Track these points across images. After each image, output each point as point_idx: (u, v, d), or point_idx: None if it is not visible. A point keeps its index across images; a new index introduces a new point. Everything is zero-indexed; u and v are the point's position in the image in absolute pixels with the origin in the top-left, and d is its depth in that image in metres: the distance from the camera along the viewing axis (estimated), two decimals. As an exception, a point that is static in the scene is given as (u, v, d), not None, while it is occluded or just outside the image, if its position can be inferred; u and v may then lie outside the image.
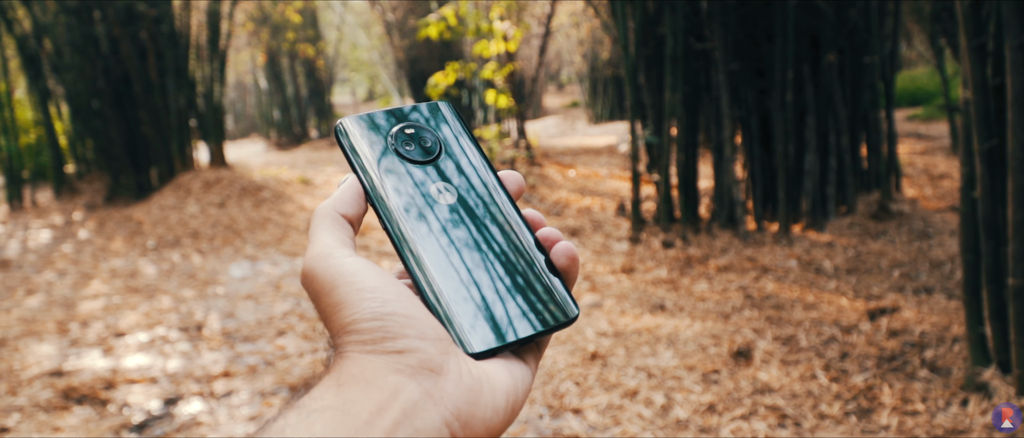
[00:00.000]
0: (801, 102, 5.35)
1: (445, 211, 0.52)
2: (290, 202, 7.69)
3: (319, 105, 16.46)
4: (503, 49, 7.53)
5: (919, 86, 13.32)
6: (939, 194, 6.33)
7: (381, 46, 16.12)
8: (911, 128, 10.63)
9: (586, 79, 17.00)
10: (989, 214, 2.79)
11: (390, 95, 15.96)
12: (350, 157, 0.54)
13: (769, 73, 5.32)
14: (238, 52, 16.10)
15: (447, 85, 7.98)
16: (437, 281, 0.49)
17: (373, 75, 21.95)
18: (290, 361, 3.54)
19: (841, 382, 3.00)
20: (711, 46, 5.22)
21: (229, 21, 9.10)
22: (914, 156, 8.16)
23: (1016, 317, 2.65)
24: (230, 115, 19.47)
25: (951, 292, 3.96)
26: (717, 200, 5.56)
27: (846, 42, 5.46)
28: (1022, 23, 2.57)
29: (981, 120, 2.74)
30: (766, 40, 5.30)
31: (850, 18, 5.38)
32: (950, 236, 5.00)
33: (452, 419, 0.43)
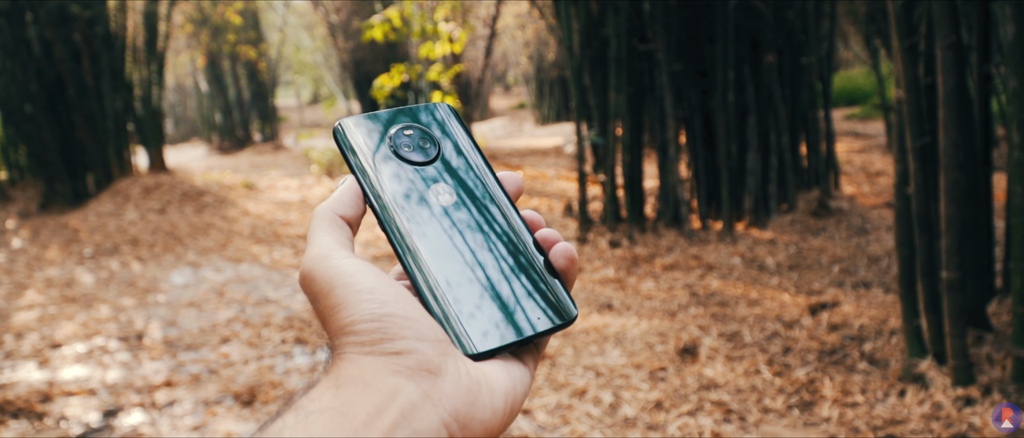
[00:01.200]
0: (742, 102, 5.45)
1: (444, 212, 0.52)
2: (233, 207, 7.56)
3: (262, 108, 16.21)
4: (449, 51, 7.51)
5: (856, 86, 13.66)
6: (876, 191, 6.50)
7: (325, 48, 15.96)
8: (849, 127, 10.90)
9: (533, 80, 17.06)
10: (922, 210, 2.87)
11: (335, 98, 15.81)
12: (348, 158, 0.54)
13: (711, 74, 5.40)
14: (177, 54, 15.77)
15: (393, 87, 7.93)
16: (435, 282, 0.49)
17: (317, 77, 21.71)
18: (235, 368, 3.48)
19: (784, 376, 3.06)
20: (654, 47, 5.28)
21: (167, 22, 8.92)
22: (852, 154, 8.37)
23: (950, 309, 2.73)
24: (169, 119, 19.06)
25: (888, 286, 4.07)
26: (662, 199, 5.62)
27: (785, 43, 5.57)
28: (952, 24, 2.65)
29: (914, 118, 2.81)
30: (708, 41, 5.39)
31: (788, 20, 5.49)
32: (887, 231, 5.13)
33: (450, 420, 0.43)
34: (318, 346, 3.74)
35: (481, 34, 11.76)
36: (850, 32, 9.19)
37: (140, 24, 8.61)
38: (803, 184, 6.10)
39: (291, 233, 6.48)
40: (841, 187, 6.48)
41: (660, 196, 5.66)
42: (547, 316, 0.50)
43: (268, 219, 7.08)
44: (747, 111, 5.44)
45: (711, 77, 5.41)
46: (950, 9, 2.66)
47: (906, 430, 2.55)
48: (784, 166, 5.71)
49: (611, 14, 5.19)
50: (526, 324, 0.49)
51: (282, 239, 6.26)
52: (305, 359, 3.59)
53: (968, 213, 3.03)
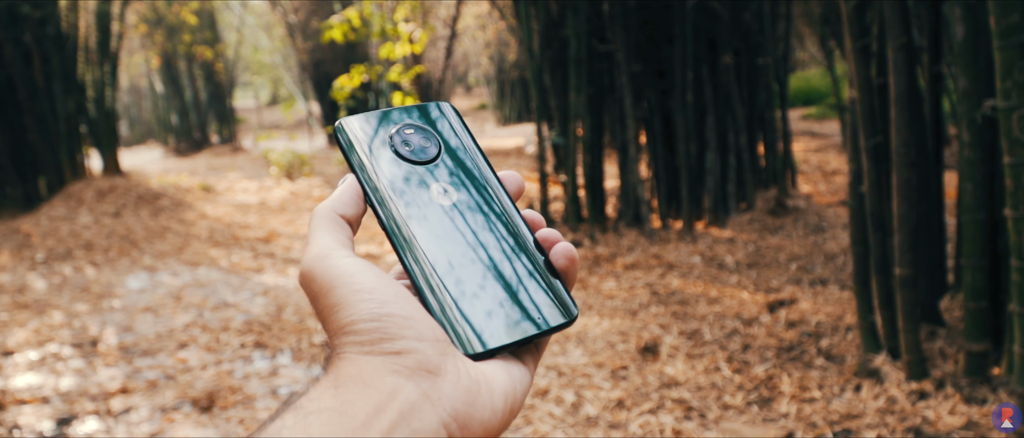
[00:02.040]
0: (701, 102, 5.51)
1: (444, 212, 0.52)
2: (191, 210, 7.45)
3: (220, 109, 16.00)
4: (409, 51, 7.48)
5: (812, 86, 13.88)
6: (832, 189, 6.62)
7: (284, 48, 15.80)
8: (805, 126, 11.07)
9: (493, 81, 17.06)
10: (876, 208, 2.93)
11: (294, 99, 15.66)
12: (349, 157, 0.53)
13: (670, 74, 5.45)
14: (131, 55, 15.50)
15: (353, 88, 7.87)
16: (435, 282, 0.48)
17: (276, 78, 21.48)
18: (193, 374, 3.43)
19: (743, 373, 3.10)
20: (614, 48, 5.31)
21: (120, 22, 8.76)
22: (808, 153, 8.50)
23: (903, 305, 2.79)
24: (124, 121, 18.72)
25: (844, 283, 4.14)
26: (623, 199, 5.66)
27: (742, 44, 5.64)
28: (903, 25, 2.71)
29: (867, 118, 2.87)
30: (666, 42, 5.43)
31: (745, 21, 5.56)
32: (842, 229, 5.22)
33: (450, 420, 0.43)
34: (278, 350, 3.71)
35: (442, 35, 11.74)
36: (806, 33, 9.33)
37: (92, 24, 8.45)
38: (761, 183, 6.18)
39: (250, 236, 6.41)
40: (798, 186, 6.58)
41: (621, 196, 5.70)
42: (547, 316, 0.50)
43: (227, 222, 6.99)
44: (706, 111, 5.50)
45: (670, 78, 5.45)
46: (901, 10, 2.72)
47: (862, 424, 2.60)
48: (742, 165, 5.78)
49: (571, 15, 5.21)
50: (526, 324, 0.49)
51: (241, 242, 6.19)
52: (265, 363, 3.55)
53: (920, 211, 3.09)
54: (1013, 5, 2.19)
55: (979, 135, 2.56)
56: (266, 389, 3.27)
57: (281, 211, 7.60)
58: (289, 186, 8.97)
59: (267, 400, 3.15)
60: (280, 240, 6.26)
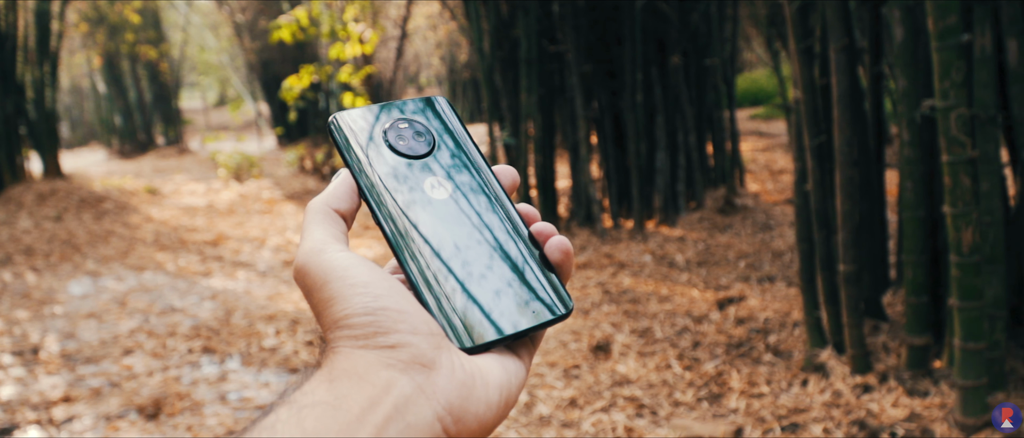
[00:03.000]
0: (651, 103, 5.56)
1: (438, 206, 0.52)
2: (135, 213, 7.30)
3: (165, 110, 15.68)
4: (359, 52, 7.42)
5: (759, 87, 14.10)
6: (779, 188, 6.73)
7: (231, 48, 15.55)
8: (753, 126, 11.25)
9: (445, 82, 17.02)
10: (820, 206, 2.99)
11: (242, 99, 15.42)
12: (343, 152, 0.53)
13: (620, 75, 5.49)
14: (72, 54, 15.11)
15: (302, 88, 7.78)
16: (430, 276, 0.48)
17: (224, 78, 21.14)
18: (138, 381, 3.36)
19: (693, 370, 3.14)
20: (564, 49, 5.34)
21: (60, 21, 8.54)
22: (756, 153, 8.64)
23: (847, 301, 2.85)
24: (65, 122, 18.25)
25: (791, 280, 4.22)
26: (575, 199, 5.69)
27: (690, 45, 5.71)
28: (844, 27, 2.77)
29: (810, 118, 2.92)
30: (616, 43, 5.48)
31: (692, 22, 5.63)
32: (789, 227, 5.32)
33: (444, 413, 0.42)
34: (226, 354, 3.65)
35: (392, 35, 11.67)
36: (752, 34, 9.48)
37: (31, 23, 8.22)
38: (710, 182, 6.26)
39: (197, 239, 6.29)
40: (746, 185, 6.68)
41: (572, 196, 5.73)
42: (542, 310, 0.50)
43: (173, 225, 6.86)
44: (655, 111, 5.56)
45: (620, 78, 5.50)
46: (842, 13, 2.78)
47: (808, 418, 2.65)
48: (692, 165, 5.85)
49: (521, 15, 5.22)
50: (521, 318, 0.49)
51: (188, 246, 6.08)
52: (213, 369, 3.49)
53: (863, 208, 3.16)
54: (950, 7, 2.25)
55: (918, 134, 2.63)
56: (215, 395, 3.21)
57: (229, 214, 7.48)
58: (238, 188, 8.84)
59: (215, 406, 3.10)
60: (228, 243, 6.17)
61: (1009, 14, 2.39)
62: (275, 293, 4.70)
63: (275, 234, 6.46)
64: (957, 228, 2.34)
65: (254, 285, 4.92)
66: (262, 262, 5.53)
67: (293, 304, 4.42)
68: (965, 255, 2.35)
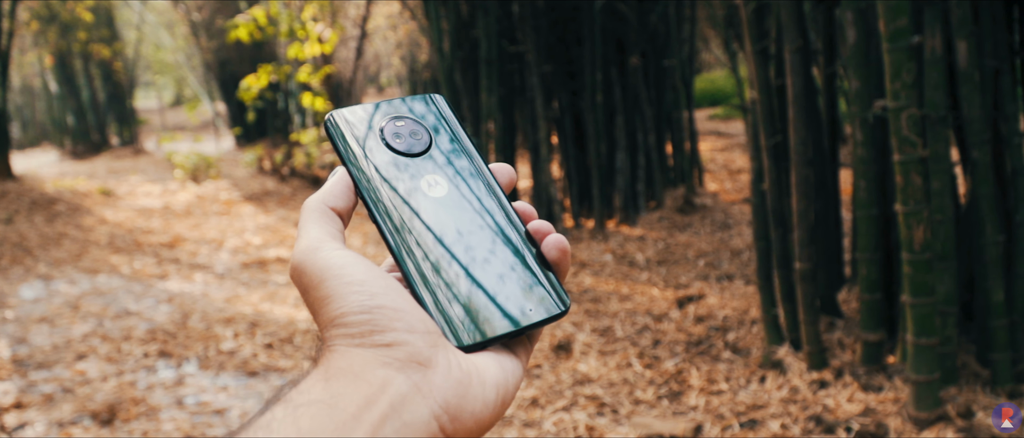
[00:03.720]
0: (611, 103, 5.59)
1: (435, 204, 0.52)
2: (89, 215, 7.15)
3: (120, 110, 15.39)
4: (319, 51, 7.36)
5: (717, 87, 14.26)
6: (737, 187, 6.82)
7: (187, 47, 15.32)
8: (712, 127, 11.37)
9: (405, 82, 16.94)
10: (777, 205, 3.03)
11: (199, 99, 15.20)
12: (339, 150, 0.53)
13: (580, 75, 5.52)
14: (23, 53, 14.76)
15: (260, 88, 7.70)
16: (426, 274, 0.48)
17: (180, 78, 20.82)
18: (92, 386, 3.29)
19: (654, 368, 3.16)
20: (524, 49, 5.35)
21: (10, 20, 8.34)
22: (715, 152, 8.74)
23: (803, 298, 2.90)
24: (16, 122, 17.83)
25: (749, 278, 4.27)
26: (536, 199, 5.70)
27: (649, 46, 5.75)
28: (799, 28, 2.81)
29: (766, 118, 2.96)
30: (576, 43, 5.50)
31: (651, 23, 5.68)
32: (747, 226, 5.39)
33: (441, 412, 0.42)
34: (183, 358, 3.59)
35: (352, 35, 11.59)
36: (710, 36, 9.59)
37: (-21, 21, 8.02)
38: (670, 182, 6.32)
39: (153, 241, 6.19)
40: (705, 184, 6.75)
41: (533, 196, 5.74)
42: (539, 307, 0.50)
43: (128, 227, 6.74)
44: (615, 112, 5.59)
45: (580, 79, 5.52)
46: (797, 14, 2.82)
47: (766, 414, 2.68)
48: (651, 165, 5.90)
49: (481, 16, 5.22)
50: (517, 316, 0.49)
51: (144, 248, 5.98)
52: (170, 373, 3.44)
53: (818, 207, 3.22)
54: (900, 10, 2.30)
55: (871, 134, 2.68)
56: (171, 399, 3.16)
57: (186, 215, 7.37)
58: (195, 189, 8.71)
59: (172, 411, 3.05)
60: (185, 245, 6.07)
61: (959, 16, 2.45)
62: (233, 295, 4.64)
63: (233, 236, 6.38)
64: (909, 226, 2.39)
65: (212, 287, 4.85)
66: (220, 264, 5.45)
67: (252, 306, 4.37)
68: (917, 252, 2.39)
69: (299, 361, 3.56)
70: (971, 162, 2.57)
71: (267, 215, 7.20)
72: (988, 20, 2.55)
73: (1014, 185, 2.64)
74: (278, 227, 6.66)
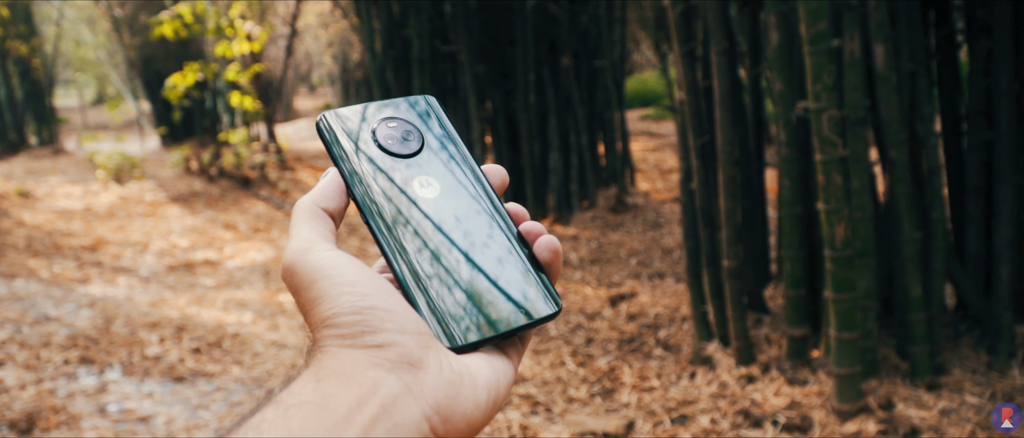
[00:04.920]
0: (543, 103, 5.62)
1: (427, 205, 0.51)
2: (6, 217, 6.88)
3: (38, 109, 14.83)
4: (247, 49, 7.22)
5: (649, 88, 14.46)
6: (668, 187, 6.92)
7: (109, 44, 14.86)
8: (644, 127, 11.52)
9: (338, 81, 16.74)
10: (705, 204, 3.09)
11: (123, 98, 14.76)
12: (331, 151, 0.53)
13: (512, 76, 5.53)
14: (-66, 50, 14.12)
15: (187, 86, 7.52)
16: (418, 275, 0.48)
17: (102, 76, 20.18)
18: (10, 395, 3.17)
19: (587, 366, 3.19)
20: (457, 49, 5.34)
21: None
22: (646, 152, 8.86)
23: (731, 295, 2.96)
24: (-73, 121, 17.04)
25: (679, 276, 4.34)
26: (469, 199, 5.70)
27: (580, 47, 5.80)
28: (725, 31, 2.87)
29: (694, 119, 3.02)
30: (509, 44, 5.51)
31: (582, 24, 5.73)
32: (678, 225, 5.48)
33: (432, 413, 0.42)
34: (106, 364, 3.48)
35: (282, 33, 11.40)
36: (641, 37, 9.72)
37: None
38: (602, 182, 6.38)
39: (74, 244, 5.99)
40: (637, 184, 6.84)
41: (467, 196, 5.73)
42: (531, 309, 0.50)
43: (47, 230, 6.50)
44: (548, 112, 5.62)
45: (513, 79, 5.54)
46: (723, 17, 2.88)
47: (696, 410, 2.73)
48: (584, 165, 5.95)
49: (413, 15, 5.19)
50: (509, 317, 0.49)
51: (64, 251, 5.77)
52: (92, 380, 3.33)
53: (745, 206, 3.29)
54: (820, 14, 2.37)
55: (795, 134, 2.75)
56: (94, 407, 3.06)
57: (109, 217, 7.14)
58: (118, 190, 8.45)
59: (94, 419, 2.96)
60: (108, 248, 5.89)
61: (876, 20, 2.53)
62: (159, 299, 4.52)
63: (159, 238, 6.22)
64: (830, 224, 2.46)
65: (136, 291, 4.72)
66: (145, 267, 5.31)
67: (178, 310, 4.27)
68: (838, 249, 2.47)
69: (228, 366, 3.48)
70: (889, 161, 2.66)
71: (194, 217, 7.03)
72: (904, 24, 2.64)
73: (930, 184, 2.74)
74: (206, 229, 6.51)
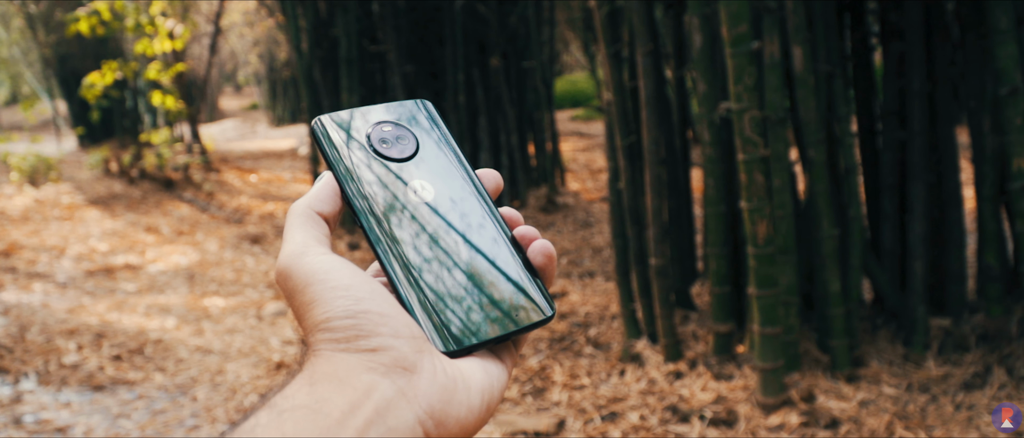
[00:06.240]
0: (473, 104, 5.62)
1: (421, 209, 0.52)
2: (-91, 223, 6.55)
3: (-54, 109, 14.18)
4: (169, 47, 7.03)
5: (579, 89, 14.59)
6: (598, 186, 7.00)
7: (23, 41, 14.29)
8: (574, 127, 11.62)
9: (264, 81, 16.44)
10: (632, 203, 3.13)
11: (37, 97, 14.22)
12: (326, 154, 0.53)
13: (442, 76, 5.52)
14: None
15: (105, 86, 7.28)
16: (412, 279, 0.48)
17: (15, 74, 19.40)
18: (-87, 410, 3.02)
19: (518, 366, 3.20)
20: (385, 49, 5.30)
21: None
22: (577, 152, 8.93)
23: (659, 293, 3.00)
24: None
25: (609, 275, 4.39)
26: (399, 200, 5.66)
27: (509, 47, 5.82)
28: (650, 33, 2.91)
29: (621, 119, 3.06)
30: (437, 44, 5.49)
31: (511, 25, 5.74)
32: (607, 224, 5.54)
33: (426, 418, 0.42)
34: (21, 374, 3.35)
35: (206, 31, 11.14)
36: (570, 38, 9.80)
37: None
38: (532, 182, 6.41)
39: (-15, 250, 5.74)
40: (567, 184, 6.90)
41: (397, 197, 5.70)
42: (525, 313, 0.50)
43: (-45, 236, 6.22)
44: (478, 112, 5.62)
45: (442, 79, 5.52)
46: (648, 19, 2.92)
47: (626, 406, 2.77)
48: (514, 165, 5.97)
49: (340, 14, 5.13)
50: (503, 321, 0.49)
51: (-26, 258, 5.53)
52: (6, 390, 3.20)
53: (672, 205, 3.34)
54: (741, 17, 2.42)
55: (718, 134, 2.80)
56: (8, 418, 2.94)
57: (24, 221, 6.87)
58: (33, 193, 8.13)
59: (8, 430, 2.84)
60: (23, 253, 5.66)
61: (794, 23, 2.60)
62: (77, 306, 4.36)
63: (77, 242, 6.01)
64: (753, 221, 2.52)
65: (53, 298, 4.55)
66: (62, 273, 5.12)
67: (98, 317, 4.13)
68: (761, 246, 2.53)
69: (151, 373, 3.38)
70: (808, 161, 2.73)
71: (115, 220, 6.82)
72: (821, 28, 2.73)
73: (847, 182, 2.83)
74: (127, 232, 6.31)
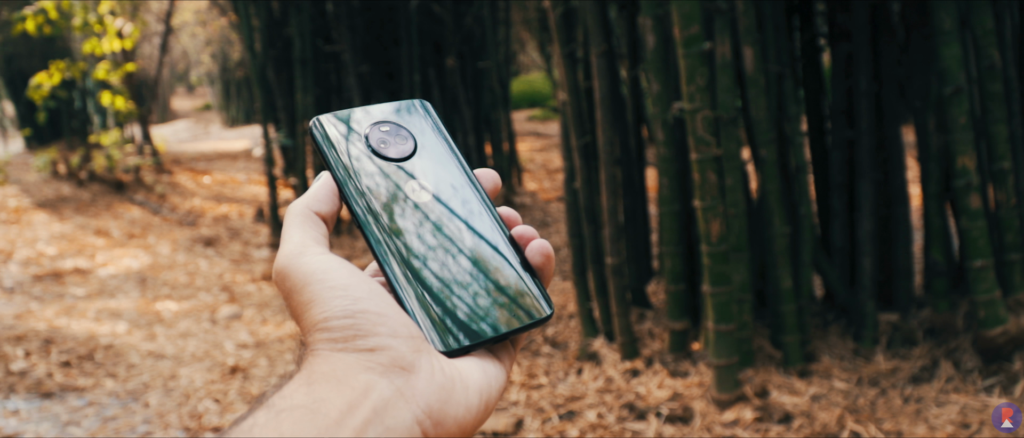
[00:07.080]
0: (430, 104, 5.60)
1: (419, 209, 0.52)
2: None
3: None
4: (118, 47, 6.90)
5: (536, 89, 14.62)
6: (555, 186, 7.02)
7: (-34, 41, 13.89)
8: (531, 127, 11.64)
9: (217, 81, 16.21)
10: (588, 202, 3.15)
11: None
12: (324, 154, 0.53)
13: (398, 76, 5.49)
14: None
15: (53, 86, 7.12)
16: (410, 278, 0.48)
17: (-42, 75, 18.86)
18: None
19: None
20: (340, 49, 5.26)
21: None
22: (534, 152, 8.95)
23: (615, 291, 3.02)
24: None
25: (566, 274, 4.41)
26: (356, 201, 5.62)
27: (465, 47, 5.81)
28: (604, 33, 2.93)
29: (576, 119, 3.07)
30: (393, 44, 5.47)
31: (466, 25, 5.74)
32: (564, 223, 5.56)
33: (424, 417, 0.42)
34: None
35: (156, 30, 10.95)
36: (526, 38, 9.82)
37: None
38: (490, 182, 6.41)
39: (-74, 256, 5.57)
40: (524, 184, 6.91)
41: (354, 198, 5.66)
42: (522, 313, 0.49)
43: None
44: (434, 112, 5.61)
45: (398, 79, 5.50)
46: (602, 20, 2.94)
47: (584, 405, 2.78)
48: (471, 165, 5.96)
49: (294, 14, 5.08)
50: (501, 321, 0.49)
51: (-86, 264, 5.36)
52: (-53, 401, 3.11)
53: (627, 204, 3.37)
54: (692, 18, 2.45)
55: (672, 134, 2.83)
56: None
57: (-33, 226, 6.68)
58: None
59: (-50, 443, 2.76)
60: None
61: (745, 24, 2.64)
62: (24, 311, 4.26)
63: (24, 246, 5.86)
64: (706, 220, 2.55)
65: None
66: (8, 277, 4.99)
67: (46, 322, 4.03)
68: (714, 245, 2.56)
69: (101, 379, 3.32)
70: (759, 160, 2.77)
71: (63, 223, 6.66)
72: (771, 29, 2.77)
73: (797, 180, 2.87)
74: (76, 236, 6.18)
